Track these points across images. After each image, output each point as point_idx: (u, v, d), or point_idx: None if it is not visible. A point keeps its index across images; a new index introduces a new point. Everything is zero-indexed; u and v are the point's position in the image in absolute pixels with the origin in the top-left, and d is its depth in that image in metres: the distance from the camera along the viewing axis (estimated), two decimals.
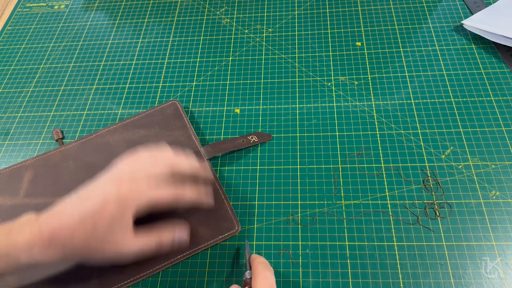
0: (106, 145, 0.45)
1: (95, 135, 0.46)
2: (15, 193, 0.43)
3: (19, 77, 0.55)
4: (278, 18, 0.57)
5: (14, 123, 0.50)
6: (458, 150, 0.42)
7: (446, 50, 0.50)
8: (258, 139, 0.44)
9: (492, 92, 0.45)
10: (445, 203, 0.38)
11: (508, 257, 0.35)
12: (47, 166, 0.44)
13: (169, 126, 0.45)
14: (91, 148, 0.45)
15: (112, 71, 0.54)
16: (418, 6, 0.55)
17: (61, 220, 0.30)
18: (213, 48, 0.54)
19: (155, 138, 0.44)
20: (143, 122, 0.46)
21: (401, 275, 0.35)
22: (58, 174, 0.43)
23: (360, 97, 0.47)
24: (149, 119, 0.46)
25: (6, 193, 0.43)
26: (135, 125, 0.46)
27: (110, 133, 0.46)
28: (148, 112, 0.47)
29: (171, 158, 0.35)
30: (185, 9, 0.60)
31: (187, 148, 0.43)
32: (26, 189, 0.43)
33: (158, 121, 0.46)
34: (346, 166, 0.42)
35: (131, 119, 0.47)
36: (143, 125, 0.46)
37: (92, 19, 0.61)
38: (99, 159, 0.44)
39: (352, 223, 0.38)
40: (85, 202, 0.31)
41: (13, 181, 0.44)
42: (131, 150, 0.36)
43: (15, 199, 0.43)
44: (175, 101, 0.48)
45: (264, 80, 0.50)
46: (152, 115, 0.47)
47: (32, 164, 0.45)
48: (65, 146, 0.46)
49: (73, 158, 0.44)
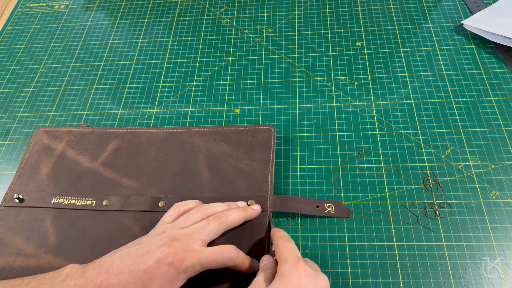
0: (190, 146, 0.43)
1: (185, 130, 0.45)
2: (95, 157, 0.44)
3: (19, 77, 0.55)
4: (278, 18, 0.57)
5: (14, 123, 0.50)
6: (458, 150, 0.42)
7: (446, 50, 0.50)
8: (335, 211, 0.39)
9: (492, 92, 0.45)
10: (445, 203, 0.38)
11: (508, 257, 0.35)
12: (132, 142, 0.44)
13: (253, 154, 0.41)
14: (176, 142, 0.44)
15: (112, 71, 0.54)
16: (418, 6, 0.55)
17: (109, 275, 0.29)
18: (213, 48, 0.54)
19: (234, 161, 0.41)
20: (231, 138, 0.43)
21: (401, 275, 0.35)
22: (137, 155, 0.43)
23: (360, 97, 0.47)
24: (238, 136, 0.43)
25: (88, 154, 0.44)
26: (223, 137, 0.43)
27: (198, 134, 0.44)
28: (240, 128, 0.44)
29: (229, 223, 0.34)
30: (185, 9, 0.60)
31: (253, 198, 0.39)
32: (105, 157, 0.43)
33: (245, 143, 0.43)
34: (346, 166, 0.42)
35: (223, 128, 0.44)
36: (230, 141, 0.43)
37: (92, 19, 0.61)
38: (177, 158, 0.43)
39: (352, 223, 0.38)
40: (137, 259, 0.29)
41: (100, 144, 0.45)
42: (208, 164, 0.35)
43: (92, 163, 0.43)
44: (271, 128, 0.43)
45: (264, 80, 0.50)
46: (243, 134, 0.43)
47: (122, 134, 0.45)
48: (155, 129, 0.45)
49: (158, 145, 0.44)
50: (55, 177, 0.43)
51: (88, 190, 0.41)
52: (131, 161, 0.43)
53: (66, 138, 0.46)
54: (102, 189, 0.41)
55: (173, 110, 0.49)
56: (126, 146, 0.44)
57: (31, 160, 0.44)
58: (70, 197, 0.41)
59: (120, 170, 0.42)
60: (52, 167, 0.43)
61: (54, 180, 0.42)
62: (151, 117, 0.48)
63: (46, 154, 0.44)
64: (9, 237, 0.39)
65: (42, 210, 0.41)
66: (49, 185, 0.42)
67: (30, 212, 0.41)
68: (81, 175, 0.42)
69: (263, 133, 0.43)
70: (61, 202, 0.41)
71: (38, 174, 0.43)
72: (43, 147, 0.45)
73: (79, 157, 0.44)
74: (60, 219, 0.40)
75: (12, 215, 0.41)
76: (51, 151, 0.45)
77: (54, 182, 0.42)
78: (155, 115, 0.49)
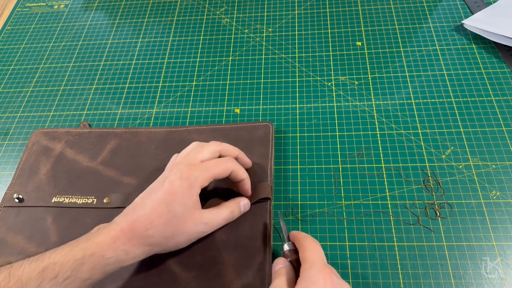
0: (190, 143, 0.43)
1: (183, 129, 0.45)
2: (94, 156, 0.44)
3: (19, 77, 0.55)
4: (278, 18, 0.57)
5: (14, 123, 0.50)
6: (458, 150, 0.41)
7: (447, 50, 0.50)
8: None
9: (493, 92, 0.45)
10: (446, 203, 0.38)
11: (508, 257, 0.35)
12: (131, 141, 0.44)
13: (252, 149, 0.42)
14: (176, 140, 0.44)
15: (112, 71, 0.54)
16: (418, 6, 0.55)
17: (136, 213, 0.31)
18: (213, 48, 0.54)
19: None
20: (230, 134, 0.44)
21: (401, 275, 0.35)
22: (137, 153, 0.43)
23: (360, 97, 0.47)
24: (236, 133, 0.44)
25: (87, 153, 0.44)
26: (222, 133, 0.44)
27: (197, 132, 0.44)
28: (238, 125, 0.44)
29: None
30: (185, 9, 0.60)
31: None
32: (104, 156, 0.44)
33: (244, 139, 0.43)
34: (346, 166, 0.42)
35: (221, 126, 0.45)
36: (228, 137, 0.43)
37: (91, 19, 0.61)
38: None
39: (352, 223, 0.38)
40: (154, 191, 0.32)
41: (98, 144, 0.45)
42: None
43: (91, 162, 0.43)
44: (269, 124, 0.44)
45: (264, 80, 0.50)
46: (241, 130, 0.44)
47: (120, 134, 0.45)
48: (154, 129, 0.45)
49: (157, 143, 0.44)
50: (54, 176, 0.43)
51: (89, 189, 0.41)
52: (130, 160, 0.43)
53: (65, 138, 0.46)
54: (102, 187, 0.41)
55: (173, 110, 0.49)
56: (125, 145, 0.44)
57: (30, 161, 0.44)
58: (71, 195, 0.41)
59: (120, 168, 0.42)
60: (51, 167, 0.43)
61: (54, 179, 0.42)
62: (151, 117, 0.48)
63: (44, 155, 0.44)
64: (10, 237, 0.39)
65: (43, 210, 0.41)
66: (49, 184, 0.42)
67: (31, 211, 0.41)
68: (80, 174, 0.42)
69: (262, 129, 0.44)
70: (62, 201, 0.41)
71: (37, 174, 0.43)
72: (41, 147, 0.45)
73: (78, 157, 0.44)
74: (61, 217, 0.40)
75: (12, 215, 0.41)
76: (49, 152, 0.45)
77: (53, 182, 0.42)
78: (155, 115, 0.49)
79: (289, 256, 0.31)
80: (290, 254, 0.31)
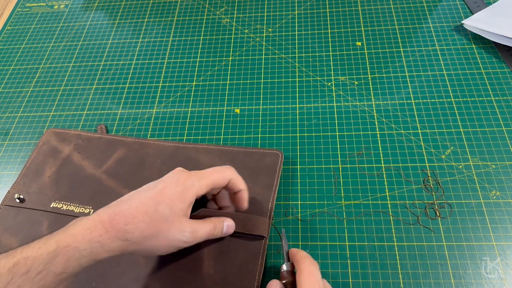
0: (195, 162, 0.42)
1: (191, 146, 0.44)
2: (100, 164, 0.44)
3: (19, 77, 0.55)
4: (278, 18, 0.57)
5: (14, 123, 0.50)
6: (458, 150, 0.41)
7: (446, 50, 0.50)
8: None
9: (492, 92, 0.45)
10: (445, 203, 0.38)
11: (508, 257, 0.35)
12: (138, 153, 0.44)
13: (256, 178, 0.40)
14: (182, 157, 0.43)
15: (112, 71, 0.54)
16: (418, 6, 0.55)
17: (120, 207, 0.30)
18: (213, 48, 0.54)
19: None
20: (237, 159, 0.42)
21: (401, 275, 0.35)
22: (142, 166, 0.43)
23: (360, 97, 0.47)
24: (244, 158, 0.42)
25: (93, 160, 0.44)
26: (229, 156, 0.43)
27: (205, 151, 0.43)
28: (247, 150, 0.43)
29: None
30: (185, 9, 0.60)
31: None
32: (110, 165, 0.43)
33: (251, 165, 0.42)
34: (346, 166, 0.42)
35: (230, 148, 0.43)
36: (235, 162, 0.42)
37: (92, 19, 0.61)
38: None
39: (352, 223, 0.38)
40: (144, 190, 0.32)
41: (106, 151, 0.45)
42: None
43: (95, 170, 0.43)
44: (279, 153, 0.42)
45: (264, 80, 0.50)
46: (249, 156, 0.42)
47: (130, 143, 0.45)
48: (163, 142, 0.45)
49: (163, 158, 0.43)
50: (57, 180, 0.43)
51: (88, 198, 0.41)
52: (134, 172, 0.43)
53: (74, 141, 0.46)
54: (101, 198, 0.41)
55: (173, 110, 0.49)
56: (132, 156, 0.44)
57: (37, 161, 0.44)
58: (69, 203, 0.41)
59: (122, 180, 0.42)
60: (56, 170, 0.43)
61: (56, 183, 0.42)
62: (151, 117, 0.48)
63: (52, 156, 0.44)
64: (5, 238, 0.39)
65: (40, 214, 0.41)
66: (51, 188, 0.42)
67: (29, 214, 0.41)
68: (83, 181, 0.42)
69: (270, 157, 0.42)
70: (60, 207, 0.41)
71: (42, 175, 0.43)
72: (50, 148, 0.45)
73: (84, 163, 0.44)
74: (57, 224, 0.40)
75: (11, 215, 0.41)
76: (57, 154, 0.45)
77: (55, 186, 0.42)
78: (155, 115, 0.49)
79: (286, 278, 0.30)
80: (287, 276, 0.31)
